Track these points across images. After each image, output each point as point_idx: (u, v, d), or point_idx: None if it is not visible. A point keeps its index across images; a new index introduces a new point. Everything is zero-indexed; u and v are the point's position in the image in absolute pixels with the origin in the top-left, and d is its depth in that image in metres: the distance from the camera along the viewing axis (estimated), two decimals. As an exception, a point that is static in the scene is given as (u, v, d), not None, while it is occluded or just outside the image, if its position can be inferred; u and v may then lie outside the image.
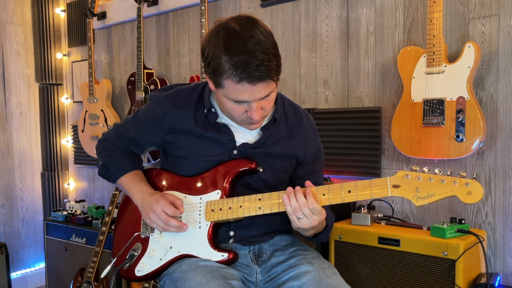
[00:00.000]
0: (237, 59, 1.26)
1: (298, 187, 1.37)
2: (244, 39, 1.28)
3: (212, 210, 1.46)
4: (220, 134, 1.51)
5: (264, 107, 1.39)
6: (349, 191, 1.35)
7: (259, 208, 1.42)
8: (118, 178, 1.63)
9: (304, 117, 1.62)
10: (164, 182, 1.59)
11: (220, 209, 1.46)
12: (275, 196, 1.41)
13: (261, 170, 1.49)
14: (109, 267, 1.53)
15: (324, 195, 1.37)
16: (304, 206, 1.34)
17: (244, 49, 1.27)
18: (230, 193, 1.48)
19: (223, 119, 1.52)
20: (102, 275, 1.55)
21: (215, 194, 1.49)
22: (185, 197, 1.52)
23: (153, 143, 1.62)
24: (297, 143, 1.56)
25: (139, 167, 1.67)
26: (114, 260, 1.59)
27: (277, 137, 1.54)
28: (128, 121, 1.66)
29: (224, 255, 1.43)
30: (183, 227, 1.47)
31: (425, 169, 1.28)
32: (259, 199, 1.42)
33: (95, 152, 1.74)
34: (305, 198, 1.34)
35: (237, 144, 1.51)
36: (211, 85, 1.42)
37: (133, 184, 1.58)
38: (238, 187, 1.51)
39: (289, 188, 1.37)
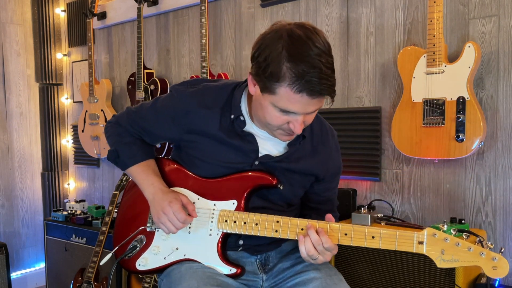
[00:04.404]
0: (301, 68, 1.20)
1: (310, 225, 1.33)
2: (309, 48, 1.21)
3: (226, 221, 1.42)
4: (244, 143, 1.44)
5: (307, 121, 1.34)
6: (373, 237, 1.31)
7: (276, 231, 1.37)
8: (129, 167, 1.55)
9: (330, 134, 1.57)
10: (177, 178, 1.53)
11: (235, 222, 1.41)
12: (294, 223, 1.36)
13: (282, 187, 1.45)
14: (109, 255, 1.49)
15: (346, 234, 1.33)
16: (317, 244, 1.30)
17: (309, 59, 1.20)
18: (245, 205, 1.43)
19: (251, 129, 1.45)
20: (102, 263, 1.52)
21: (231, 204, 1.44)
22: (198, 199, 1.48)
23: (168, 137, 1.56)
24: (319, 162, 1.52)
25: (151, 156, 1.59)
26: (115, 249, 1.55)
27: (301, 154, 1.49)
28: (145, 109, 1.56)
29: (232, 270, 1.41)
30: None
31: (453, 231, 1.26)
32: (277, 222, 1.37)
33: (104, 134, 1.65)
34: (318, 236, 1.30)
35: (260, 155, 1.45)
36: (252, 89, 1.35)
37: (144, 176, 1.51)
38: (253, 197, 1.47)
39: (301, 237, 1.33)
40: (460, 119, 1.95)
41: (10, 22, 3.76)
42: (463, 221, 1.90)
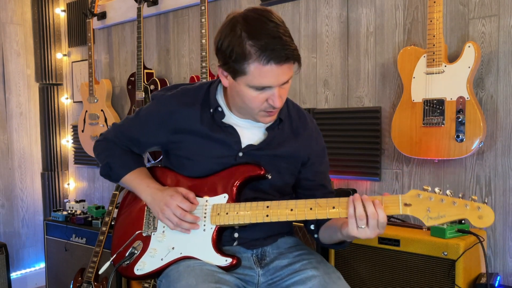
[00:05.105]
0: (263, 41, 1.29)
1: (365, 196, 1.31)
2: (265, 23, 1.31)
3: (218, 214, 1.44)
4: (226, 135, 1.49)
5: (282, 95, 1.39)
6: None
7: (267, 216, 1.40)
8: (123, 176, 1.59)
9: (308, 118, 1.62)
10: (169, 182, 1.57)
11: (227, 213, 1.44)
12: (284, 205, 1.39)
13: (270, 177, 1.47)
14: (107, 264, 1.51)
15: (334, 208, 1.34)
16: (373, 217, 1.28)
17: (267, 32, 1.30)
18: (237, 198, 1.46)
19: (230, 119, 1.51)
20: (100, 272, 1.54)
21: (222, 198, 1.47)
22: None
23: (156, 143, 1.60)
24: (302, 144, 1.56)
25: (142, 164, 1.64)
26: (113, 257, 1.56)
27: (282, 138, 1.53)
28: (129, 121, 1.63)
29: (228, 260, 1.42)
30: (196, 221, 1.45)
31: (437, 189, 1.27)
32: (267, 207, 1.40)
33: (94, 153, 1.71)
34: (375, 209, 1.29)
35: (243, 146, 1.50)
36: (225, 81, 1.42)
37: (139, 181, 1.55)
38: (245, 189, 1.49)
39: (356, 195, 1.32)
40: (460, 119, 1.95)
41: (10, 22, 3.76)
42: (463, 221, 1.90)
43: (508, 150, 2.02)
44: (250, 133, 1.51)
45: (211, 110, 1.50)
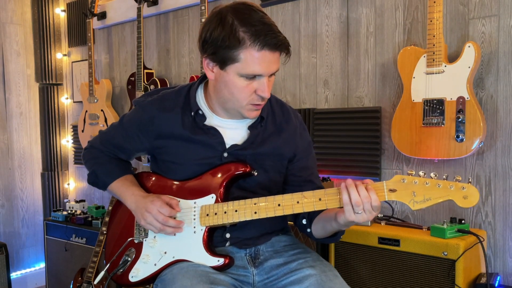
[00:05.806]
0: (257, 28, 1.31)
1: (358, 182, 1.30)
2: (255, 12, 1.34)
3: (207, 215, 1.45)
4: (209, 137, 1.49)
5: (269, 87, 1.41)
6: None
7: (255, 212, 1.40)
8: (109, 184, 1.61)
9: (292, 113, 1.61)
10: (156, 187, 1.57)
11: (215, 214, 1.44)
12: (271, 200, 1.39)
13: (256, 173, 1.48)
14: (102, 273, 1.52)
15: (320, 199, 1.35)
16: (366, 201, 1.28)
17: (258, 19, 1.33)
18: (224, 197, 1.46)
19: (212, 120, 1.51)
20: (96, 282, 1.55)
21: (210, 198, 1.47)
22: (179, 201, 1.50)
23: (140, 149, 1.61)
24: (287, 139, 1.55)
25: (129, 171, 1.66)
26: (107, 266, 1.57)
27: (266, 135, 1.53)
28: (114, 128, 1.65)
29: (220, 260, 1.42)
30: (180, 225, 1.46)
31: (421, 173, 1.28)
32: (255, 204, 1.40)
33: (82, 161, 1.72)
34: (368, 193, 1.28)
35: (227, 147, 1.50)
36: (211, 75, 1.42)
37: (124, 189, 1.57)
38: (232, 189, 1.50)
39: (348, 180, 1.31)
40: (460, 119, 1.95)
41: (10, 22, 3.76)
42: (463, 221, 1.90)
43: (508, 150, 2.02)
44: (233, 133, 1.51)
45: (192, 114, 1.50)
